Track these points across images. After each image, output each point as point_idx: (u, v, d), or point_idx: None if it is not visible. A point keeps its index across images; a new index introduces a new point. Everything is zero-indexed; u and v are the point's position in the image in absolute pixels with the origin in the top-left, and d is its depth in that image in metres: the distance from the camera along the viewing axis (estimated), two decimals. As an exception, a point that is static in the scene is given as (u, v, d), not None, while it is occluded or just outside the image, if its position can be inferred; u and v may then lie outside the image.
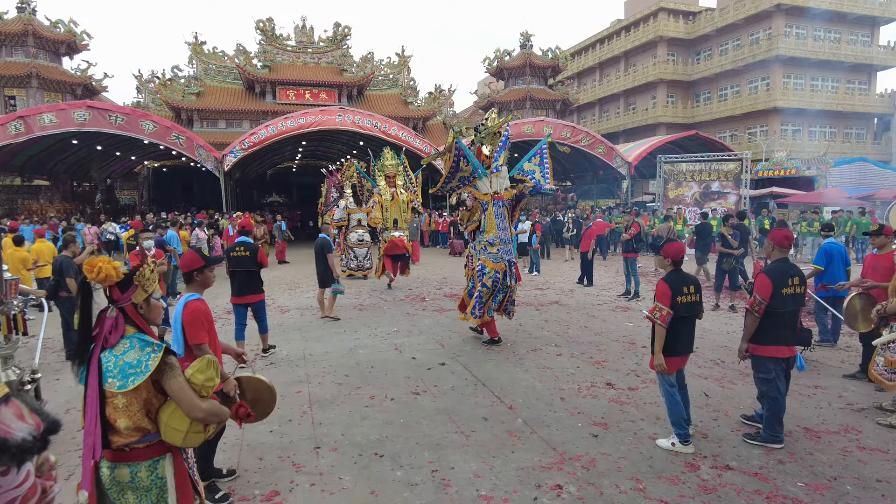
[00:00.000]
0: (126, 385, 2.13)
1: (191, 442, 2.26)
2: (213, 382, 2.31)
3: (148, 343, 2.22)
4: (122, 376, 2.13)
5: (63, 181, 27.38)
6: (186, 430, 2.21)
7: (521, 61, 35.51)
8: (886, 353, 4.91)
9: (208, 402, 2.25)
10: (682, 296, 4.25)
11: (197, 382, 2.25)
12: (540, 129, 23.53)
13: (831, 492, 3.69)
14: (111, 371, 2.14)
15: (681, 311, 4.25)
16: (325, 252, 8.76)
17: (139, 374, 2.13)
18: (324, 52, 36.53)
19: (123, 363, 2.15)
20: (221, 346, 3.72)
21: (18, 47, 27.39)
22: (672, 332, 4.26)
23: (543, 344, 7.55)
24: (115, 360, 2.16)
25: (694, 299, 4.30)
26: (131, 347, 2.19)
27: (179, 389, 2.19)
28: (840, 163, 25.32)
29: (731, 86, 37.20)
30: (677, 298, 4.23)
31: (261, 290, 7.00)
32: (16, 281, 4.91)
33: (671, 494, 3.67)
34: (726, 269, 9.57)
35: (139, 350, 2.19)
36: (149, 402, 2.20)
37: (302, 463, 4.19)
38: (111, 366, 2.15)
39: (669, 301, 4.21)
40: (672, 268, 4.44)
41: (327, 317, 9.23)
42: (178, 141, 19.87)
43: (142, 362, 2.15)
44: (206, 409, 2.22)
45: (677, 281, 4.30)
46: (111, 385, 2.13)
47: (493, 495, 3.69)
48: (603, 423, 4.85)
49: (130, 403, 2.15)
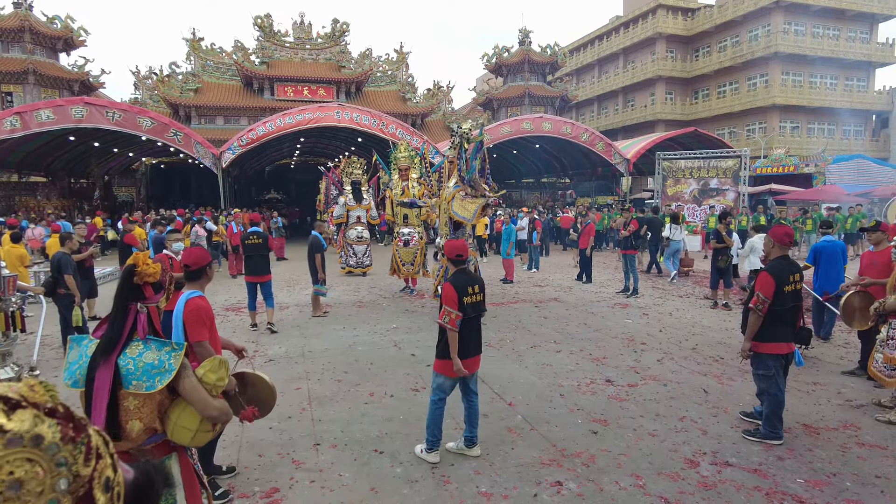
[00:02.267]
0: (154, 386, 2.10)
1: (199, 441, 2.26)
2: (224, 382, 2.33)
3: (165, 343, 2.22)
4: (146, 377, 2.10)
5: (60, 178, 27.27)
6: (196, 428, 2.21)
7: (520, 58, 35.45)
8: (885, 349, 4.92)
9: (220, 401, 2.27)
10: (467, 296, 4.03)
11: (209, 382, 2.26)
12: (539, 125, 23.45)
13: (830, 488, 3.70)
14: (133, 373, 2.10)
15: (468, 311, 4.02)
16: (313, 252, 8.86)
17: (165, 374, 2.12)
18: (322, 49, 36.41)
19: (144, 364, 2.12)
20: (222, 342, 3.71)
21: (15, 43, 27.25)
22: (459, 336, 4.02)
23: (543, 341, 7.56)
24: (133, 362, 2.12)
25: (478, 299, 4.11)
26: (147, 349, 2.18)
27: (193, 389, 2.18)
28: (838, 160, 25.31)
29: (729, 82, 37.18)
30: (464, 300, 4.01)
31: (269, 272, 8.35)
32: (14, 278, 4.89)
33: (671, 491, 3.67)
34: (721, 267, 9.59)
35: (156, 351, 2.17)
36: (162, 404, 2.19)
37: (301, 460, 4.18)
38: (132, 367, 2.11)
39: (457, 304, 3.97)
40: (455, 267, 4.23)
41: (316, 317, 9.18)
42: (176, 137, 19.79)
43: (164, 362, 2.14)
44: (219, 408, 2.23)
45: (462, 282, 4.06)
46: (136, 387, 2.09)
47: (492, 492, 3.69)
48: (602, 419, 4.86)
49: (143, 405, 2.13)
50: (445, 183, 9.08)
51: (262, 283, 8.22)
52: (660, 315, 9.16)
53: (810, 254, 7.33)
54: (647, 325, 8.48)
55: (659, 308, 9.72)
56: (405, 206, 11.22)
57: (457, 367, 4.00)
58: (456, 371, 4.01)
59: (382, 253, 17.82)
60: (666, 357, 6.76)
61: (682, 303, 10.22)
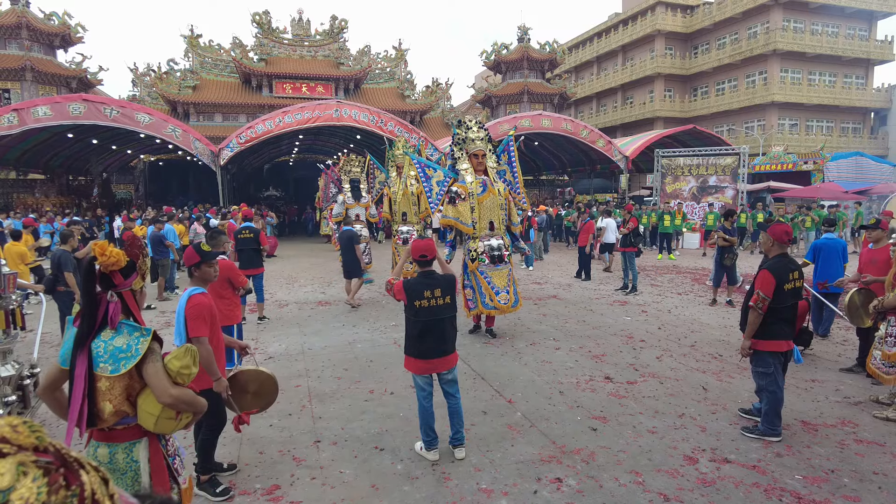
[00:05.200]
0: (118, 369, 2.20)
1: (162, 427, 2.31)
2: (189, 370, 2.36)
3: (136, 328, 2.29)
4: (113, 361, 2.20)
5: (59, 175, 27.21)
6: (158, 414, 2.27)
7: (519, 55, 35.37)
8: (884, 346, 4.94)
9: (179, 389, 2.30)
10: (421, 300, 4.01)
11: (172, 369, 2.31)
12: (538, 122, 23.44)
13: (828, 484, 3.72)
14: (102, 356, 2.21)
15: (421, 314, 4.01)
16: (352, 244, 9.48)
17: (130, 358, 2.21)
18: (320, 46, 36.31)
19: (113, 348, 2.22)
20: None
21: (12, 40, 27.12)
22: (416, 337, 4.05)
23: (542, 338, 7.57)
24: (104, 345, 2.22)
25: (439, 303, 4.05)
26: (119, 333, 2.26)
27: (154, 374, 2.25)
28: (837, 157, 25.32)
29: (728, 80, 37.16)
30: (415, 303, 4.01)
31: (261, 265, 8.67)
32: (14, 275, 4.88)
33: (670, 487, 3.69)
34: (727, 265, 9.59)
35: (127, 335, 2.25)
36: (130, 387, 2.26)
37: (302, 457, 4.20)
38: (101, 350, 2.21)
39: (405, 300, 4.06)
40: (420, 269, 4.21)
41: (349, 303, 9.64)
42: (174, 134, 19.74)
43: (131, 347, 2.23)
44: (174, 395, 2.26)
45: (419, 285, 4.07)
46: (103, 370, 2.20)
47: (492, 488, 3.71)
48: (602, 416, 4.87)
49: (113, 387, 2.22)
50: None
51: (253, 276, 8.49)
52: (659, 312, 9.18)
53: (810, 251, 7.35)
54: (646, 322, 8.50)
55: (658, 305, 9.74)
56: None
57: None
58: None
59: (382, 251, 17.83)
60: (665, 354, 6.78)
61: (681, 300, 10.24)
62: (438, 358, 4.12)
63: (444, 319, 4.10)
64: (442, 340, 4.11)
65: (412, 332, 4.11)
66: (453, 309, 4.17)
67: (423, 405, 4.15)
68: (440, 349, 4.11)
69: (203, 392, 3.57)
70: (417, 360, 4.11)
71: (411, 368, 4.18)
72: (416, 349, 4.10)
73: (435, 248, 4.29)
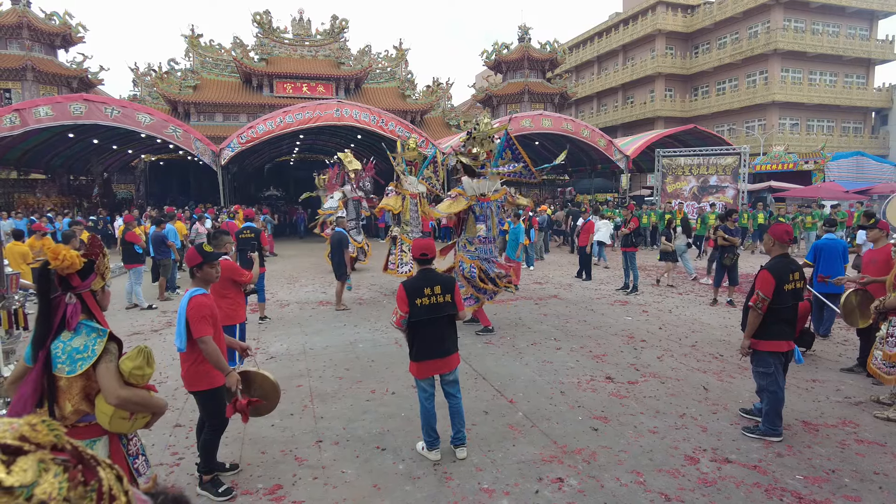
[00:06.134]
0: (75, 370, 2.23)
1: (117, 427, 2.34)
2: (143, 371, 2.37)
3: (93, 329, 2.32)
4: (70, 361, 2.24)
5: (60, 175, 27.22)
6: (111, 414, 2.29)
7: (519, 55, 35.36)
8: (885, 346, 4.94)
9: (129, 391, 2.31)
10: (422, 297, 4.03)
11: (125, 370, 2.33)
12: (539, 122, 23.44)
13: (829, 484, 3.73)
14: (60, 357, 2.24)
15: (421, 313, 4.03)
16: (342, 246, 9.40)
17: (86, 360, 2.25)
18: (321, 45, 36.30)
19: (71, 349, 2.25)
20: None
21: (13, 40, 27.14)
22: (417, 337, 4.08)
23: (543, 338, 7.58)
24: (63, 346, 2.25)
25: (438, 301, 4.06)
26: (77, 334, 2.29)
27: (103, 374, 2.28)
28: (837, 157, 25.34)
29: (729, 80, 37.16)
30: (416, 301, 4.02)
31: (262, 264, 8.27)
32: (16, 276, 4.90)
33: (671, 487, 3.70)
34: (727, 265, 9.60)
35: (85, 336, 2.28)
36: (88, 387, 2.30)
37: (304, 456, 4.21)
38: (59, 352, 2.24)
39: (406, 304, 4.04)
40: (420, 266, 4.21)
41: (337, 309, 9.46)
42: (175, 134, 19.76)
43: (88, 347, 2.26)
44: (122, 397, 2.28)
45: (418, 283, 4.08)
46: (60, 370, 2.23)
47: (494, 488, 3.72)
48: (603, 416, 4.88)
49: (71, 386, 2.26)
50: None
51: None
52: (659, 312, 9.18)
53: (810, 251, 7.35)
54: (646, 322, 8.51)
55: (658, 305, 9.75)
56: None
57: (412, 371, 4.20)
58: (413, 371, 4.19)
59: (381, 249, 17.82)
60: (666, 354, 6.78)
61: (682, 300, 10.25)
62: (441, 358, 4.13)
63: (443, 317, 4.13)
64: (442, 339, 4.13)
65: (414, 335, 4.11)
66: (453, 307, 4.19)
67: (425, 406, 4.17)
68: (441, 349, 4.12)
69: (210, 392, 3.58)
70: (421, 363, 4.13)
71: (415, 373, 4.19)
72: (419, 352, 4.11)
73: (435, 248, 4.31)
